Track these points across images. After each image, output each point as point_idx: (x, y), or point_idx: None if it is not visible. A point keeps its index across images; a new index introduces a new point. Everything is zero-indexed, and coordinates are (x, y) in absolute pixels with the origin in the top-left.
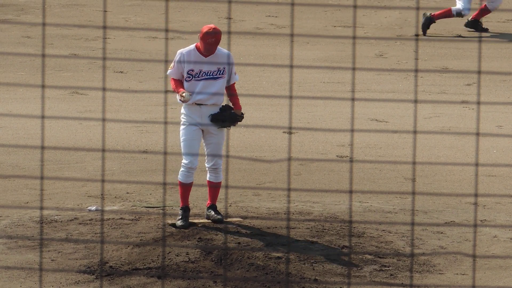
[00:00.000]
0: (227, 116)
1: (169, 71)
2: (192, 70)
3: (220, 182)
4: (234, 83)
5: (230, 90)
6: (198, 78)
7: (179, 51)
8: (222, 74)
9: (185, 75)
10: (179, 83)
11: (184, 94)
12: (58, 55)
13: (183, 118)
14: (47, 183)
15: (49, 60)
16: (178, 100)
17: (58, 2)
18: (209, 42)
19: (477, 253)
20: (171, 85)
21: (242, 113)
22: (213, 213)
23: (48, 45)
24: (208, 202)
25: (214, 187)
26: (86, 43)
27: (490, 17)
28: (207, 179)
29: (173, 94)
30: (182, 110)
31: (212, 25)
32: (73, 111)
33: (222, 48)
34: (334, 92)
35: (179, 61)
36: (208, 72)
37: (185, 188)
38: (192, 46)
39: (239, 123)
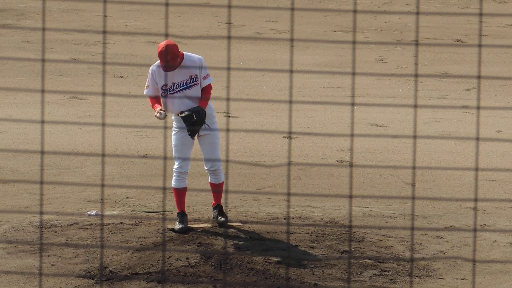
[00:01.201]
0: (193, 124)
1: (145, 90)
2: (166, 85)
3: (222, 183)
4: (208, 85)
5: (203, 92)
6: (174, 91)
7: (150, 68)
8: (195, 81)
9: (160, 91)
10: (155, 100)
11: (159, 113)
12: (58, 60)
13: (173, 125)
14: (47, 188)
15: (49, 65)
16: (158, 116)
17: (58, 7)
18: (167, 59)
19: (477, 258)
20: (150, 104)
21: (201, 110)
22: (216, 213)
23: (48, 50)
24: (213, 202)
25: (216, 189)
26: (86, 48)
27: (490, 22)
28: (209, 181)
29: None
30: (173, 117)
31: (164, 43)
32: (73, 116)
33: (191, 54)
34: (334, 97)
35: (152, 78)
36: (181, 83)
37: (180, 193)
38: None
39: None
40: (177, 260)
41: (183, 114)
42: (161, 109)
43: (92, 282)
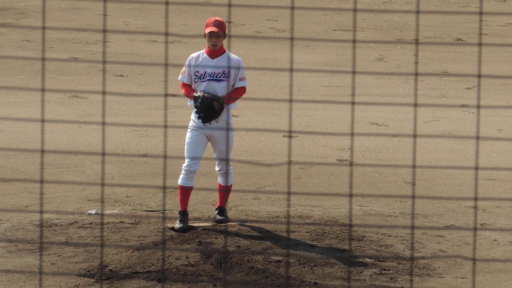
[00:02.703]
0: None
1: (180, 76)
2: (198, 72)
3: (229, 186)
4: (241, 87)
5: (234, 91)
6: (203, 79)
7: (190, 55)
8: (226, 77)
9: (193, 76)
10: (189, 87)
11: (197, 94)
12: (58, 59)
13: (190, 123)
14: (47, 186)
15: (49, 64)
16: (189, 104)
17: (58, 5)
18: (210, 33)
19: (477, 257)
20: (182, 91)
21: (218, 99)
22: (216, 212)
23: (48, 49)
24: (217, 204)
25: (222, 191)
26: (86, 46)
27: (490, 21)
28: (218, 181)
29: (173, 98)
30: (191, 116)
31: (214, 18)
32: (73, 115)
33: (233, 54)
34: (334, 96)
35: (188, 64)
36: (212, 73)
37: (185, 192)
38: (203, 50)
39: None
40: (177, 259)
41: (198, 94)
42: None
43: (92, 281)
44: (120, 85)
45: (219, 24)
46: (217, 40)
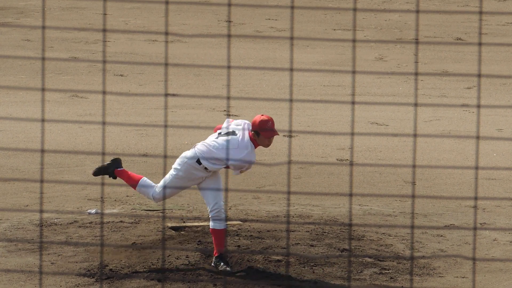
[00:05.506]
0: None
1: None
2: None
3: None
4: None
5: None
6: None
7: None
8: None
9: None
10: None
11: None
12: (58, 58)
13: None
14: (47, 186)
15: (49, 63)
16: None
17: (58, 5)
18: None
19: (477, 256)
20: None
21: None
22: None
23: (48, 48)
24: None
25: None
26: (86, 46)
27: (490, 20)
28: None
29: (173, 98)
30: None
31: (269, 118)
32: (73, 115)
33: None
34: (334, 96)
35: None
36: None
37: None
38: (251, 144)
39: None
40: (177, 259)
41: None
42: None
43: (92, 280)
44: (120, 84)
45: None
46: None
